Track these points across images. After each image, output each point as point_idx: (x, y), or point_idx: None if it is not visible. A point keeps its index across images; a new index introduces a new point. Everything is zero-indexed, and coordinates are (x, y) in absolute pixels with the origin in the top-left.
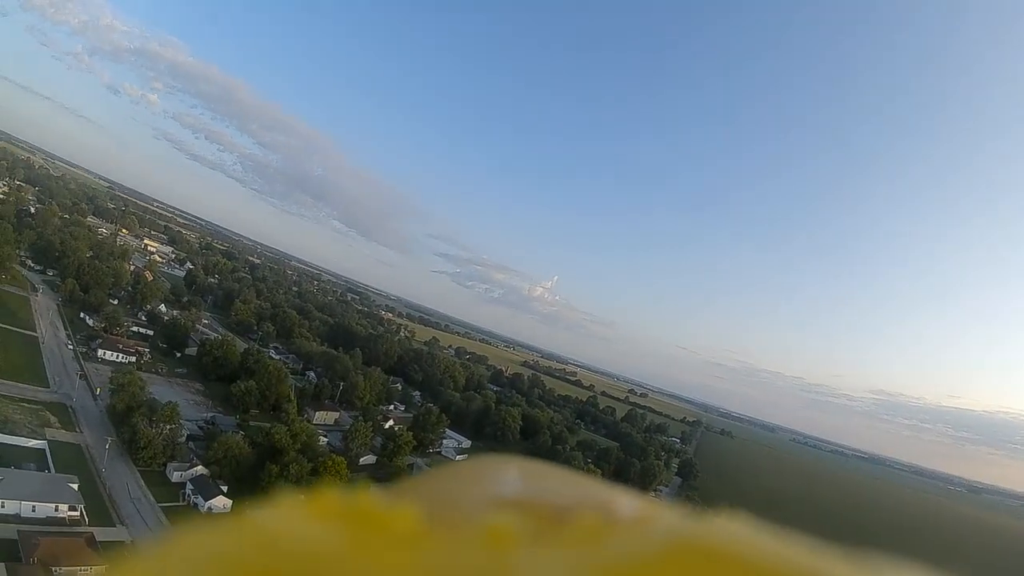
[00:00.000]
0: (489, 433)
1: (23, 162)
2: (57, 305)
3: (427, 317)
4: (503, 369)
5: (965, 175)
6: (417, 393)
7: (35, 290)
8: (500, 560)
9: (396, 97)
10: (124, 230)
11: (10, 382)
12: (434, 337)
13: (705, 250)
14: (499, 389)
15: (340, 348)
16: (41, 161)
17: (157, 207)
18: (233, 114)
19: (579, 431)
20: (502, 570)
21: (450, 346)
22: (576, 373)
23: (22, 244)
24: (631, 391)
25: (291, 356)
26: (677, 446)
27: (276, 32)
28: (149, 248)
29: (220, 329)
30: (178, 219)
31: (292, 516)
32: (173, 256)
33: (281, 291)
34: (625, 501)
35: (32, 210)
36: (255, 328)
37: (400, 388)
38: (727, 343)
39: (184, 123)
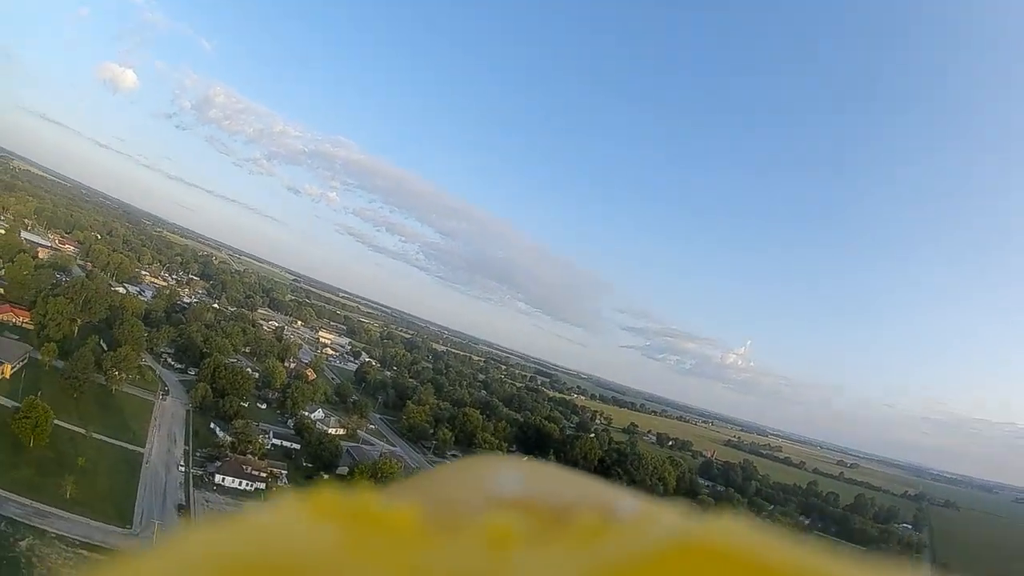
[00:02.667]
0: None
1: (202, 257)
2: (187, 412)
3: (620, 396)
4: (709, 455)
5: None
6: None
7: (165, 393)
8: (500, 560)
9: (572, 175)
10: (299, 322)
11: (80, 517)
12: (632, 423)
13: (899, 302)
14: (710, 484)
15: (532, 453)
16: (225, 256)
17: (342, 297)
18: (412, 205)
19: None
20: (502, 570)
21: (649, 431)
22: (781, 447)
23: (161, 341)
24: (841, 462)
25: None
26: (911, 534)
27: (443, 124)
28: (322, 340)
29: (388, 437)
30: (362, 308)
31: (292, 516)
32: (349, 348)
33: (464, 383)
34: (625, 501)
35: (186, 303)
36: (431, 433)
37: None
38: (931, 392)
39: (365, 217)
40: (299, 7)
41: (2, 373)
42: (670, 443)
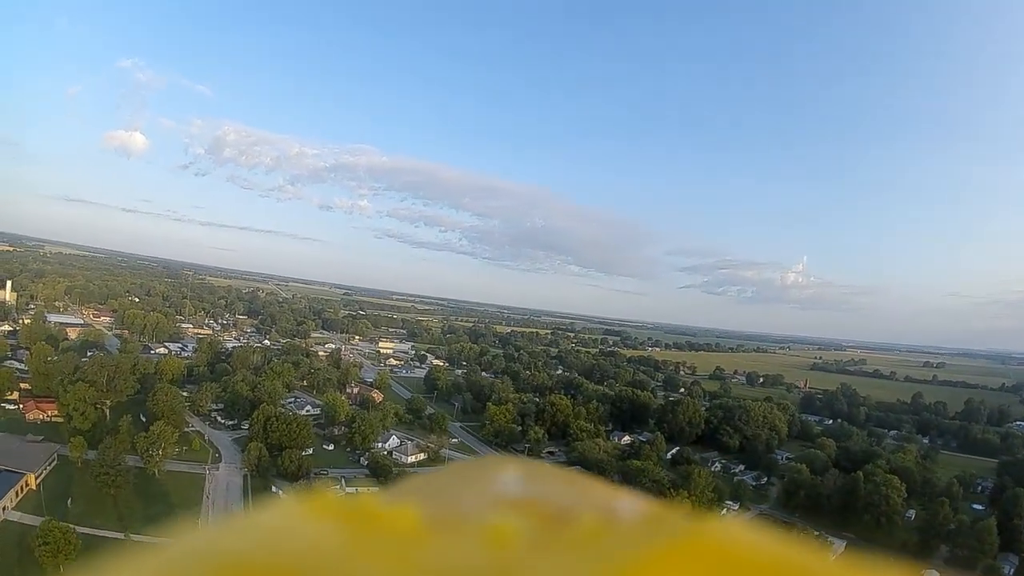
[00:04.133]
0: (866, 520)
1: (247, 294)
2: (244, 478)
3: (694, 340)
4: (802, 386)
5: None
6: (745, 472)
7: (217, 460)
8: (500, 560)
9: (599, 126)
10: (356, 337)
11: None
12: (717, 367)
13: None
14: (817, 418)
15: (634, 430)
16: (272, 287)
17: (396, 300)
18: (443, 195)
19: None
20: (502, 570)
21: (735, 372)
22: (865, 360)
23: (205, 399)
24: (927, 364)
25: (576, 468)
26: None
27: (460, 104)
28: (383, 351)
29: (474, 448)
30: (417, 307)
31: (292, 516)
32: (412, 354)
33: (539, 363)
34: (625, 501)
35: (229, 348)
36: (520, 433)
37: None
38: (995, 275)
39: (400, 217)
40: (282, 28)
41: (27, 484)
42: (760, 381)
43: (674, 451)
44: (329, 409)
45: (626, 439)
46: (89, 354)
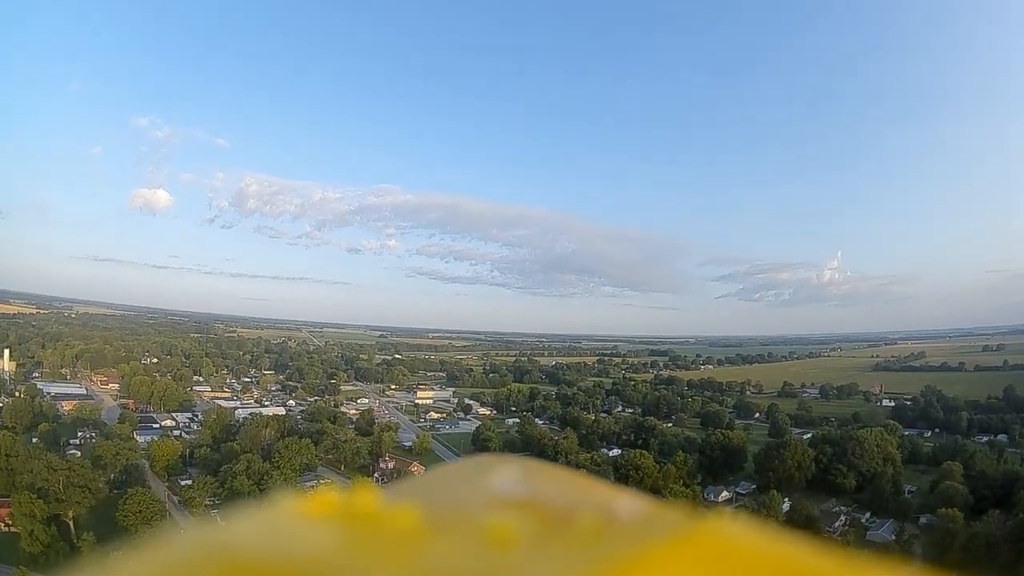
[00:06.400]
0: None
1: (276, 345)
2: None
3: (744, 352)
4: (877, 391)
5: None
6: (873, 520)
7: None
8: (500, 560)
9: (620, 143)
10: (392, 387)
11: None
12: (785, 382)
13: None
14: (919, 432)
15: (729, 481)
16: (306, 335)
17: (433, 337)
18: (469, 228)
19: None
20: (502, 571)
21: (802, 386)
22: (924, 352)
23: (201, 494)
24: (987, 347)
25: None
26: None
27: (480, 136)
28: (421, 403)
29: None
30: (455, 343)
31: (292, 516)
32: (455, 403)
33: (597, 403)
34: (625, 501)
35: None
36: None
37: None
38: None
39: (430, 254)
40: (295, 77)
41: None
42: (834, 393)
43: (786, 506)
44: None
45: (724, 494)
46: (79, 434)
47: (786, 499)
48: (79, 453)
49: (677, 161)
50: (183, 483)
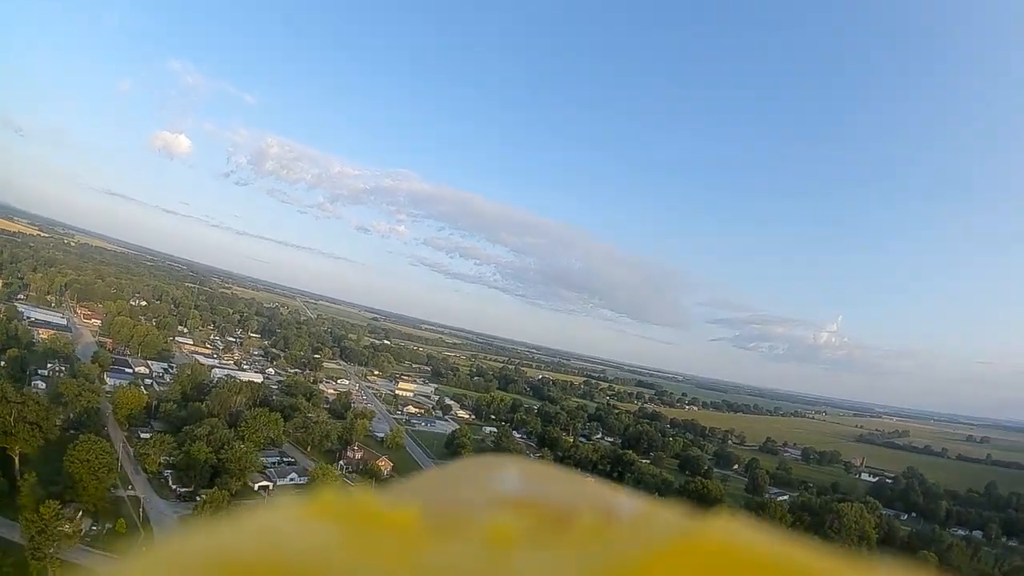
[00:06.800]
0: None
1: (268, 309)
2: None
3: (730, 399)
4: (858, 463)
5: None
6: None
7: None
8: (500, 560)
9: (640, 171)
10: (375, 373)
11: None
12: (768, 438)
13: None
14: (894, 513)
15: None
16: (299, 304)
17: (425, 329)
18: (480, 227)
19: None
20: (502, 571)
21: (784, 445)
22: (908, 431)
23: (156, 452)
24: (970, 437)
25: None
26: None
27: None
28: (401, 394)
29: None
30: (445, 339)
31: (292, 516)
32: (435, 401)
33: (578, 425)
34: (625, 501)
35: (215, 379)
36: None
37: None
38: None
39: (437, 246)
40: (334, 47)
41: None
42: (815, 458)
43: None
44: (317, 483)
45: None
46: (49, 365)
47: None
48: (44, 385)
49: (697, 198)
50: (143, 435)
